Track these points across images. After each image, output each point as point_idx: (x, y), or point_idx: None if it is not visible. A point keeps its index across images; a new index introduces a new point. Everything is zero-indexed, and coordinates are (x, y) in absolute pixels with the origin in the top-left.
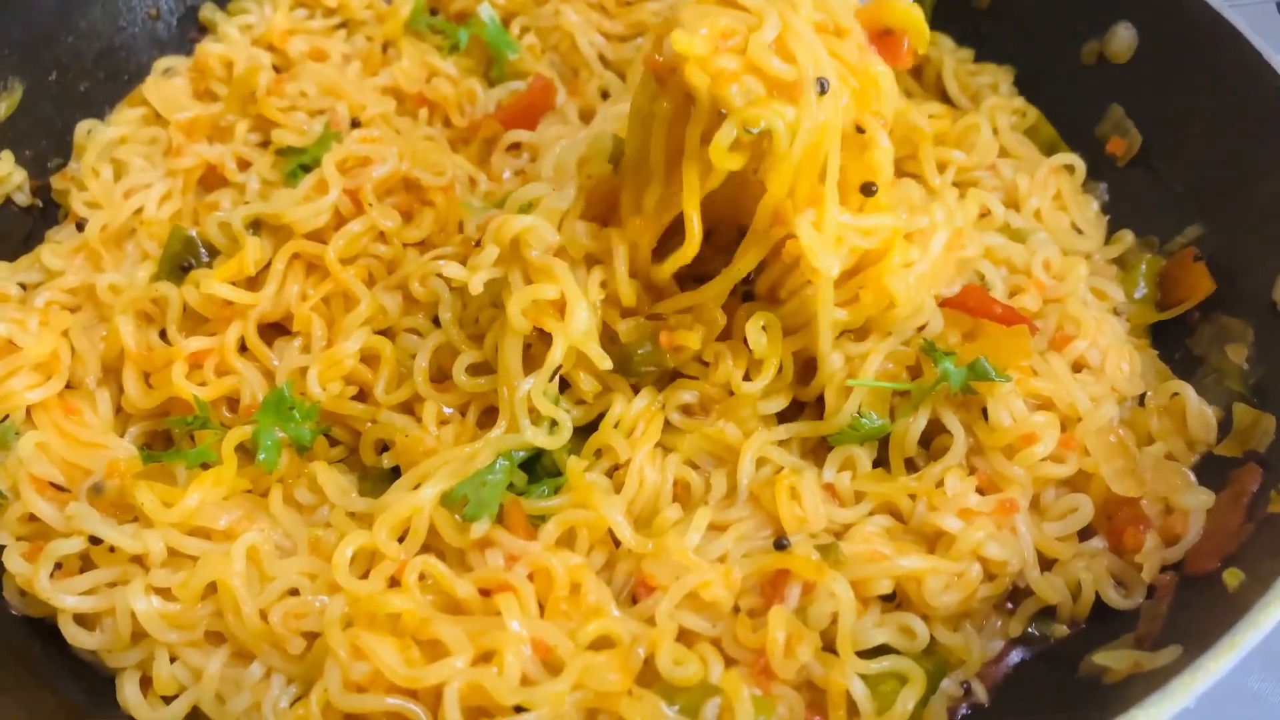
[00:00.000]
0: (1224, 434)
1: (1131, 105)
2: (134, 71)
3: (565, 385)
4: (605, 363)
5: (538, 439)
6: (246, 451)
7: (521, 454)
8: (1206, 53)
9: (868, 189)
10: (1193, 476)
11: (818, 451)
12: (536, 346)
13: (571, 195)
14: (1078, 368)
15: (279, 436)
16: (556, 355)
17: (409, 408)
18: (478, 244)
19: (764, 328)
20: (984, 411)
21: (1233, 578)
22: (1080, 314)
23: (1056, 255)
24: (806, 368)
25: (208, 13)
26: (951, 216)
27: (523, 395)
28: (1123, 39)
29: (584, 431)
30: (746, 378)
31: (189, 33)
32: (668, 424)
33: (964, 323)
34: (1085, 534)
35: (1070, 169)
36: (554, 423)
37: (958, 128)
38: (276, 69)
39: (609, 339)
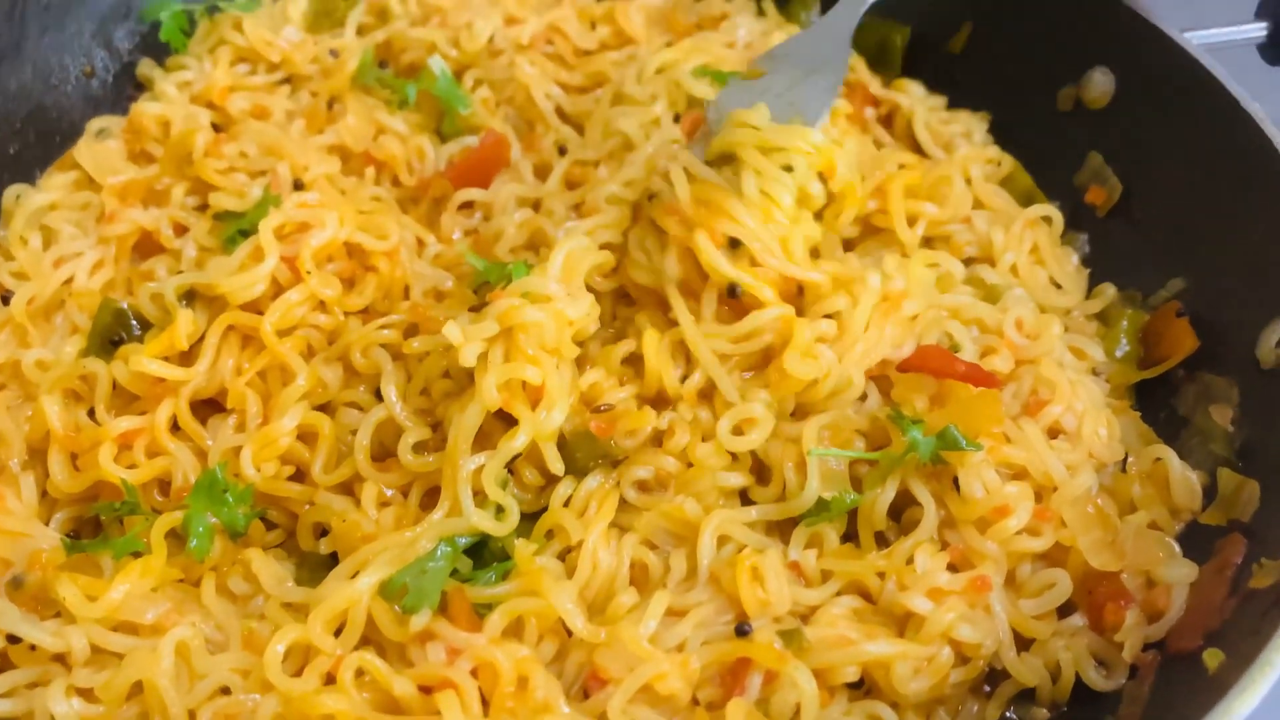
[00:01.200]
0: (1209, 500)
1: (1110, 153)
2: (66, 132)
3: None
4: (558, 466)
5: (483, 524)
6: (178, 537)
7: (466, 540)
8: (1184, 99)
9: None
10: (1176, 547)
11: (783, 527)
12: (489, 425)
13: (585, 308)
14: (1053, 433)
15: (211, 522)
16: (518, 443)
17: (348, 488)
18: (474, 308)
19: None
20: (955, 481)
21: (1213, 658)
22: (1055, 376)
23: (1030, 313)
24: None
25: (145, 69)
26: (886, 281)
27: (467, 474)
28: (1099, 85)
29: (534, 514)
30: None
31: (125, 90)
32: (623, 502)
33: (928, 385)
34: (1064, 610)
35: (1048, 220)
36: (500, 508)
37: (929, 179)
38: (217, 127)
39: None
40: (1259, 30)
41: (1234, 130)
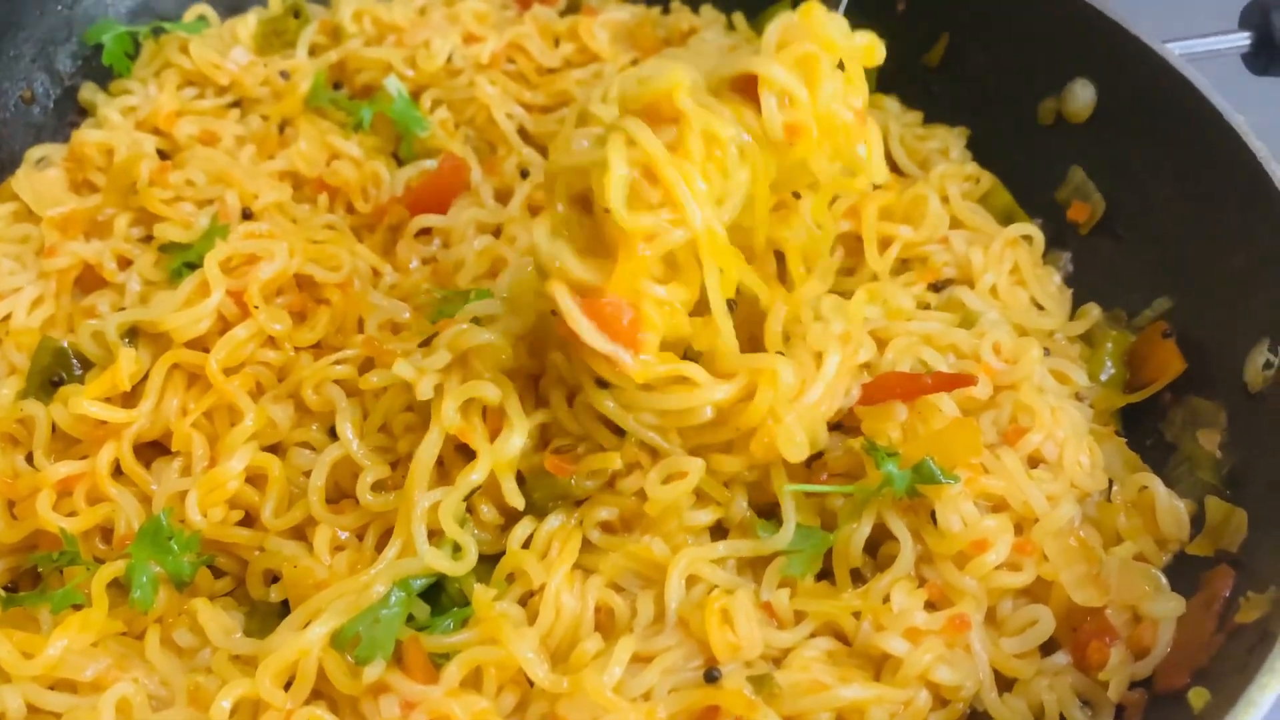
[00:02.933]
0: (1198, 530)
1: (1093, 168)
2: (5, 161)
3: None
4: (517, 500)
5: (438, 563)
6: (121, 588)
7: (421, 582)
8: (1167, 112)
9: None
10: (1164, 580)
11: (755, 563)
12: (450, 461)
13: (531, 321)
14: (1034, 462)
15: (155, 571)
16: (477, 476)
17: (300, 532)
18: (424, 344)
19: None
20: (933, 514)
21: (1198, 698)
22: (1034, 403)
23: (1008, 337)
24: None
25: (88, 93)
26: (847, 337)
27: (422, 510)
28: (1081, 97)
29: (494, 557)
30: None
31: (67, 116)
32: (586, 542)
33: (898, 413)
34: (1047, 648)
35: (1029, 240)
36: (457, 546)
37: (905, 199)
38: (163, 154)
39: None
40: (1243, 39)
41: (1218, 144)
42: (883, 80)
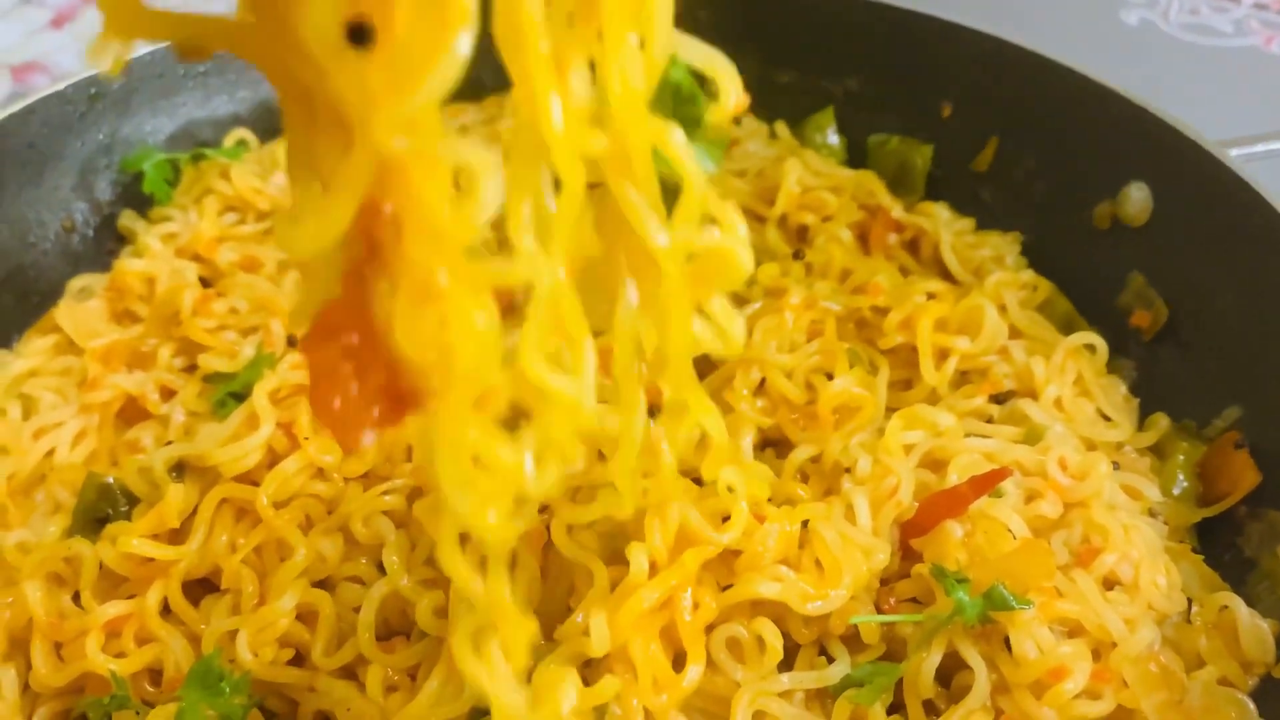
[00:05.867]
0: None
1: (1153, 273)
2: (46, 291)
3: None
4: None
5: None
6: None
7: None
8: (1225, 215)
9: None
10: (1251, 705)
11: (824, 695)
12: None
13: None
14: (1108, 584)
15: (207, 715)
16: None
17: (351, 671)
18: None
19: None
20: (1006, 640)
21: None
22: (1106, 521)
23: (1073, 451)
24: None
25: (127, 221)
26: (885, 470)
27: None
28: (1137, 200)
29: None
30: None
31: (106, 244)
32: None
33: (952, 534)
34: None
35: (1091, 349)
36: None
37: (960, 309)
38: (204, 281)
39: None
40: None
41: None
42: (932, 187)
